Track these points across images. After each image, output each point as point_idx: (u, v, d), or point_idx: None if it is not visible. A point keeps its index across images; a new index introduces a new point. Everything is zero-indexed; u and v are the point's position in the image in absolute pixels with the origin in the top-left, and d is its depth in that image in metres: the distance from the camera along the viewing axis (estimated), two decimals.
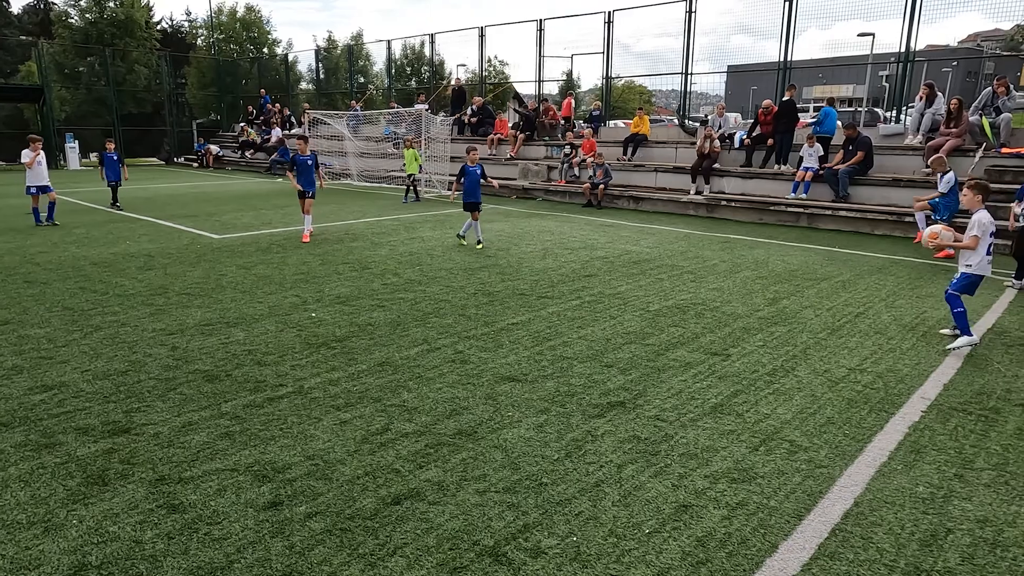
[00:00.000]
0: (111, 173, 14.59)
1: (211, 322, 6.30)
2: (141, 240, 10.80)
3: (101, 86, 34.24)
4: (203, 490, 3.40)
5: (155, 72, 36.38)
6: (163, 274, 8.28)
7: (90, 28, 35.82)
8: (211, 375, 4.96)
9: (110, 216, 13.73)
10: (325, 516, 3.18)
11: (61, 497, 3.33)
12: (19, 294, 7.25)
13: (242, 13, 40.72)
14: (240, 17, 40.50)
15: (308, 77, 38.05)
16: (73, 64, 35.90)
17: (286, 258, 9.38)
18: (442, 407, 4.45)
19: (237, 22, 40.33)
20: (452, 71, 31.90)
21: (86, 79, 35.70)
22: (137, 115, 34.78)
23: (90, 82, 35.38)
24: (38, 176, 12.28)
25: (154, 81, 36.37)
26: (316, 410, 4.37)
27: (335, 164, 23.37)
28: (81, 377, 4.90)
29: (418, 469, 3.64)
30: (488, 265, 9.03)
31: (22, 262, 8.96)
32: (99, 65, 34.80)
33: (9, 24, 43.82)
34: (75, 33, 36.00)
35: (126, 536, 3.02)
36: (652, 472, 3.64)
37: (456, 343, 5.76)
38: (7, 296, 7.13)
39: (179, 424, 4.15)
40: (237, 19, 40.42)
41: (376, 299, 7.19)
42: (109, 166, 14.61)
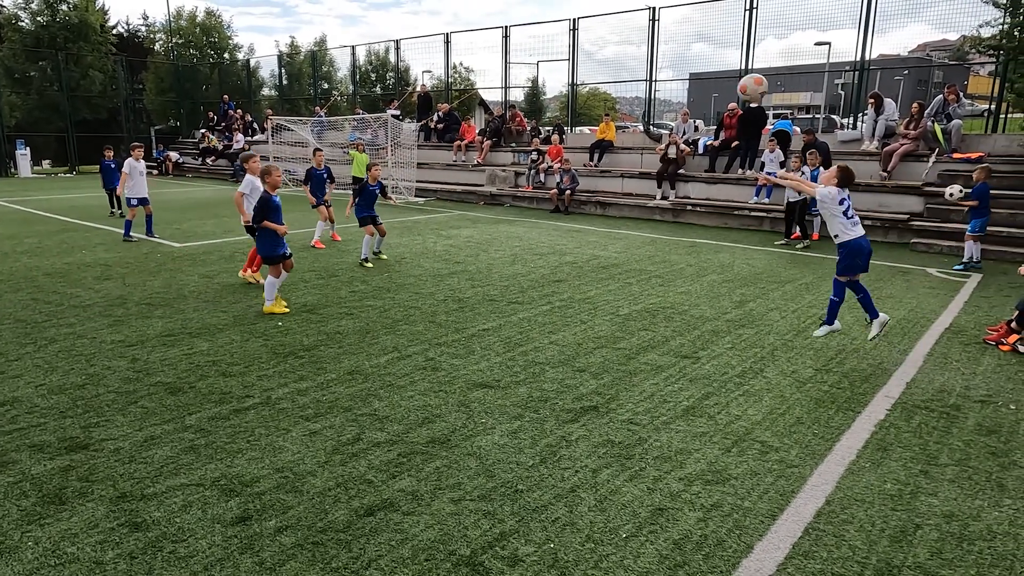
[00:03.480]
0: (110, 180, 14.24)
1: (173, 332, 6.12)
2: (97, 250, 10.47)
3: (53, 91, 33.20)
4: (167, 507, 3.28)
5: (111, 77, 35.41)
6: (122, 284, 8.03)
7: (41, 32, 34.71)
8: (174, 387, 4.81)
9: (64, 225, 13.29)
10: (296, 530, 3.10)
11: (15, 518, 3.17)
12: None
13: (202, 18, 39.96)
14: (200, 22, 39.73)
15: (270, 83, 37.47)
16: (23, 68, 34.72)
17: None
18: (414, 415, 4.39)
19: (197, 27, 39.54)
20: (417, 77, 31.83)
21: (37, 84, 34.56)
22: (92, 121, 33.78)
23: (42, 87, 34.27)
24: (139, 187, 11.51)
25: (110, 86, 35.40)
26: (284, 421, 4.27)
27: (299, 171, 23.03)
28: (35, 392, 4.71)
29: (391, 479, 3.57)
30: (457, 271, 8.98)
31: None
32: (51, 70, 33.76)
33: None
34: (25, 37, 34.82)
35: (86, 557, 2.89)
36: (627, 476, 3.63)
37: (427, 350, 5.70)
38: None
39: (141, 439, 4.00)
40: (196, 24, 39.64)
41: (344, 307, 7.08)
42: (108, 174, 14.31)
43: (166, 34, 40.35)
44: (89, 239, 11.53)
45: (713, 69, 23.37)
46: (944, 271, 9.50)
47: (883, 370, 5.38)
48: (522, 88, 40.31)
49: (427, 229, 13.21)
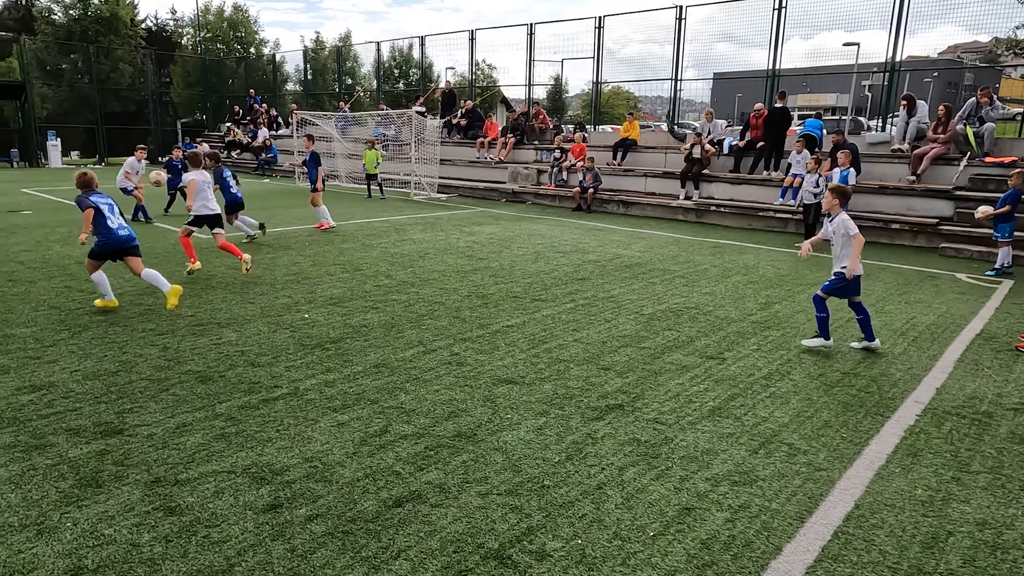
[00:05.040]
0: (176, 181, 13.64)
1: (202, 322, 6.21)
2: None
3: (84, 84, 33.82)
4: (200, 492, 3.34)
5: (139, 70, 35.97)
6: None
7: (73, 25, 35.37)
8: (204, 376, 4.89)
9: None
10: (326, 519, 3.14)
11: (53, 499, 3.25)
12: (3, 293, 7.12)
13: (229, 12, 40.42)
14: (227, 16, 40.19)
15: (295, 78, 37.84)
16: (56, 61, 35.41)
17: (276, 259, 9.30)
18: (440, 409, 4.42)
19: (224, 21, 40.02)
20: (441, 74, 31.91)
21: (69, 76, 35.23)
22: (120, 114, 34.35)
23: (73, 80, 34.92)
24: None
25: (138, 79, 35.95)
26: (312, 412, 4.32)
27: (323, 165, 23.19)
28: (70, 377, 4.81)
29: (419, 471, 3.60)
30: (480, 268, 9.00)
31: (5, 260, 8.79)
32: (82, 63, 34.37)
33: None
34: (58, 30, 35.52)
35: (122, 539, 2.96)
36: (654, 475, 3.63)
37: (452, 345, 5.73)
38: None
39: (173, 425, 4.08)
40: (224, 18, 40.11)
41: (369, 300, 7.14)
42: (176, 174, 13.67)
43: (194, 28, 40.88)
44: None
45: (737, 69, 23.17)
46: (974, 276, 9.34)
47: (912, 375, 5.31)
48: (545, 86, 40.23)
49: (450, 225, 13.26)
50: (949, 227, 11.71)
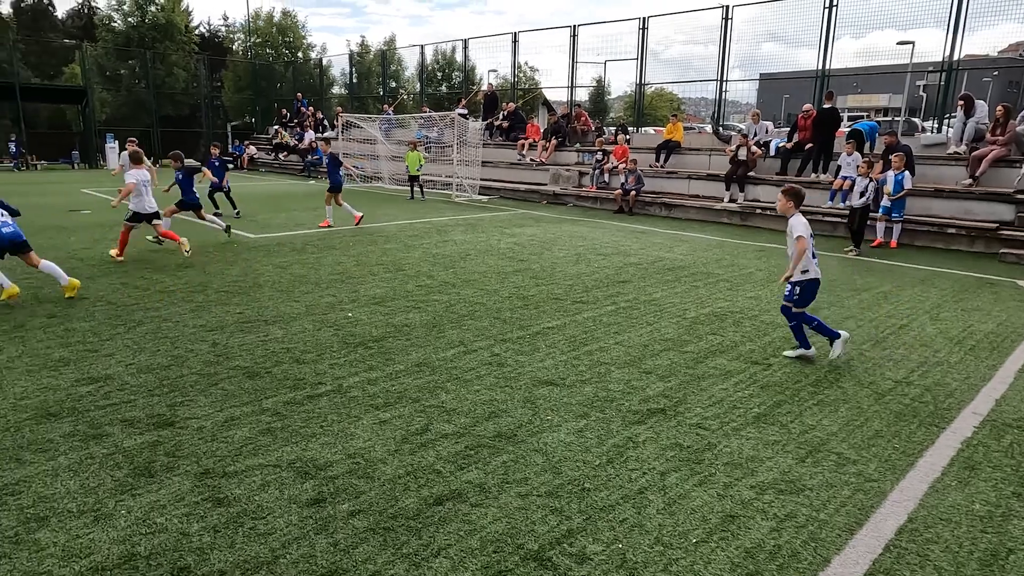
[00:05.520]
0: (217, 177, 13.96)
1: (250, 320, 6.37)
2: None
3: (141, 88, 35.08)
4: (247, 485, 3.42)
5: (193, 75, 37.16)
6: (202, 272, 8.41)
7: (131, 32, 36.75)
8: (251, 372, 5.01)
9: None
10: (368, 514, 3.18)
11: (109, 487, 3.37)
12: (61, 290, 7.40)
13: (278, 18, 41.43)
14: (276, 22, 41.20)
15: (341, 81, 38.55)
16: (114, 67, 36.84)
17: (321, 258, 9.47)
18: (481, 409, 4.43)
19: (273, 27, 41.04)
20: (483, 76, 32.08)
21: (126, 81, 36.60)
22: (174, 117, 35.55)
23: (130, 84, 36.26)
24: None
25: (191, 84, 37.15)
26: (355, 409, 4.39)
27: (367, 167, 23.60)
28: (125, 370, 4.99)
29: (459, 470, 3.62)
30: (521, 269, 9.01)
31: (66, 258, 9.16)
32: (139, 68, 35.66)
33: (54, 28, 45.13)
34: (117, 36, 36.95)
35: (173, 528, 3.04)
36: (696, 481, 3.57)
37: (492, 346, 5.75)
38: (54, 289, 7.29)
39: (222, 419, 4.19)
40: (273, 24, 41.13)
41: (411, 300, 7.21)
42: (213, 172, 13.93)
43: (245, 34, 42.01)
44: (172, 228, 12.10)
45: (785, 69, 22.67)
46: None
47: (970, 385, 5.10)
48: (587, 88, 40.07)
49: (491, 227, 13.31)
50: (1010, 232, 11.23)
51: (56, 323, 6.11)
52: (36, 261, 6.97)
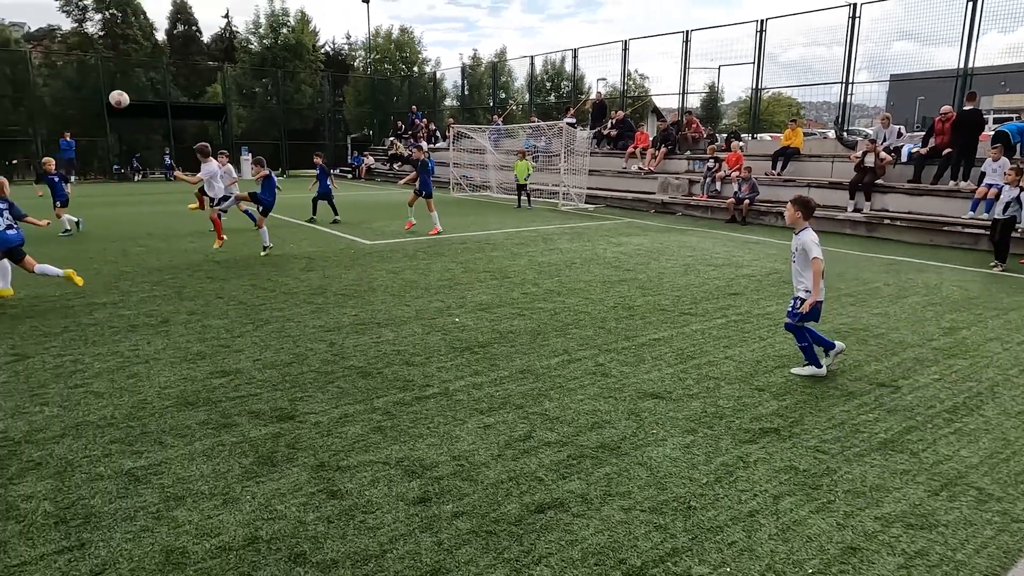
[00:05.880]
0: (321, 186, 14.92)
1: (364, 322, 6.67)
2: (303, 244, 11.72)
3: (272, 104, 37.82)
4: (358, 479, 3.58)
5: (318, 91, 39.63)
6: (322, 275, 8.92)
7: (266, 52, 39.74)
8: (364, 371, 5.24)
9: (277, 221, 14.99)
10: (471, 517, 3.23)
11: (237, 473, 3.63)
12: (203, 288, 8.10)
13: (396, 35, 43.38)
14: (395, 39, 43.15)
15: (453, 93, 39.77)
16: (250, 85, 39.94)
17: (431, 265, 9.78)
18: (584, 419, 4.39)
19: (392, 43, 43.00)
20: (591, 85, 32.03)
21: (260, 98, 39.58)
22: (300, 130, 38.03)
23: (263, 101, 39.18)
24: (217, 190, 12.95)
25: (316, 99, 39.62)
26: (461, 412, 4.48)
27: (475, 176, 24.16)
28: (253, 365, 5.37)
29: (561, 479, 3.60)
30: (627, 279, 8.88)
31: (205, 260, 10.01)
32: (271, 86, 38.47)
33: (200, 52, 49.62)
34: (253, 57, 40.10)
35: (291, 515, 3.23)
36: (813, 507, 3.36)
37: (596, 356, 5.69)
38: (194, 289, 7.99)
39: (337, 415, 4.41)
40: (392, 40, 43.11)
41: (516, 308, 7.29)
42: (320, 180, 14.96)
43: (366, 51, 44.29)
44: (295, 234, 12.95)
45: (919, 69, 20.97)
46: None
47: None
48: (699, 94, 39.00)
49: (597, 235, 13.22)
50: None
51: (195, 320, 6.68)
52: (31, 266, 7.35)
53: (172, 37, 47.11)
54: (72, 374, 5.13)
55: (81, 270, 9.07)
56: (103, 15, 40.52)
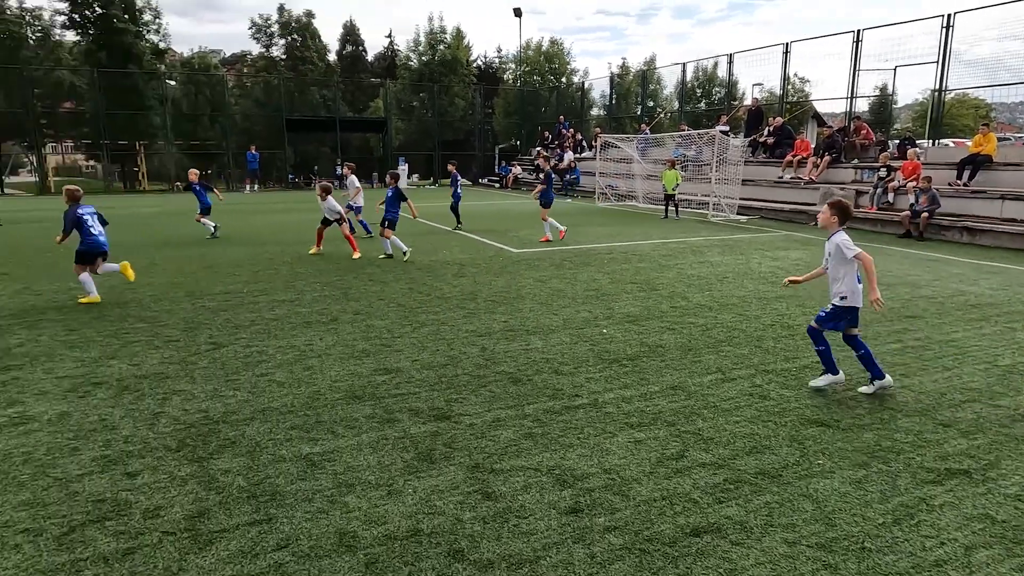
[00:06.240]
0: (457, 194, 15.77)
1: (513, 328, 6.84)
2: (454, 250, 12.24)
3: (427, 117, 39.93)
4: (511, 483, 3.67)
5: (469, 103, 41.30)
6: (473, 282, 9.26)
7: (424, 68, 42.07)
8: (515, 378, 5.37)
9: (430, 228, 15.81)
10: (624, 532, 3.19)
11: (399, 467, 3.86)
12: (366, 290, 8.71)
13: (546, 47, 44.18)
14: (544, 51, 43.96)
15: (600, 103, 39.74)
16: (408, 99, 42.48)
17: (577, 274, 9.82)
18: (741, 442, 4.20)
19: (541, 55, 43.84)
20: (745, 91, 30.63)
21: (417, 112, 41.96)
22: (451, 141, 39.82)
23: (420, 114, 41.49)
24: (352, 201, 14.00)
25: (468, 111, 41.30)
26: (610, 425, 4.45)
27: (621, 186, 23.95)
28: (411, 365, 5.68)
29: (717, 503, 3.46)
30: (786, 295, 8.37)
31: (367, 263, 10.76)
32: (427, 99, 40.64)
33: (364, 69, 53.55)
34: (412, 73, 42.61)
35: (449, 512, 3.38)
36: (1016, 564, 2.96)
37: (753, 376, 5.42)
38: (358, 291, 8.62)
39: (489, 419, 4.55)
40: (541, 52, 43.95)
41: (665, 321, 7.12)
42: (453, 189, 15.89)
43: (516, 63, 45.52)
44: (448, 241, 13.55)
45: None
46: None
47: None
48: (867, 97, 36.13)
49: (750, 249, 12.60)
50: None
51: (360, 320, 7.19)
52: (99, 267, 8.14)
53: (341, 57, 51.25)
54: (258, 363, 5.72)
55: (261, 271, 10.08)
56: (286, 40, 44.97)
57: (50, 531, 3.21)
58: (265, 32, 44.85)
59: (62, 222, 7.98)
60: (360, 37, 53.07)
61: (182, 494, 3.55)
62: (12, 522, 3.28)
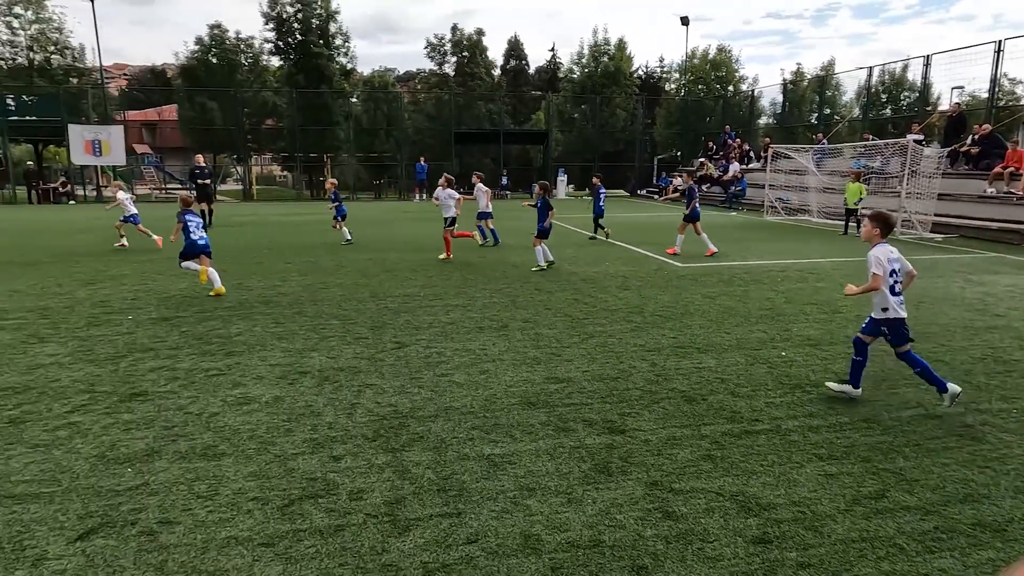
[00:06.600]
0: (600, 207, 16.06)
1: (683, 345, 6.68)
2: (617, 263, 12.20)
3: (588, 129, 40.21)
4: (692, 505, 3.59)
5: (630, 114, 41.01)
6: (638, 295, 9.17)
7: (586, 81, 42.44)
8: (688, 396, 5.24)
9: (591, 239, 15.88)
10: (819, 571, 3.01)
11: (577, 476, 3.92)
12: (532, 299, 8.94)
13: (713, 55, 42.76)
14: (711, 59, 42.59)
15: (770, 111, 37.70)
16: (570, 111, 43.07)
17: (748, 292, 9.38)
18: (952, 488, 3.78)
19: (707, 63, 42.51)
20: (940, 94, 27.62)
21: (578, 123, 42.42)
22: (610, 152, 39.76)
23: (581, 126, 41.90)
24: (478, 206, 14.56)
25: (628, 122, 41.03)
26: (796, 455, 4.21)
27: (793, 199, 22.56)
28: (582, 376, 5.75)
29: (928, 553, 3.15)
30: (999, 326, 7.42)
31: (532, 274, 11.02)
32: (588, 111, 40.94)
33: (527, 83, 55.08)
34: (574, 86, 43.14)
35: (630, 527, 3.38)
36: None
37: (963, 415, 4.87)
38: (525, 299, 8.87)
39: (664, 436, 4.49)
40: (707, 60, 42.61)
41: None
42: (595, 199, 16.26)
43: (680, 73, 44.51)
44: (609, 253, 13.54)
45: None
46: None
47: None
48: None
49: (949, 271, 11.30)
50: None
51: (529, 327, 7.40)
52: (207, 264, 9.31)
53: (505, 71, 53.16)
54: (438, 364, 6.08)
55: (434, 276, 10.68)
56: (457, 57, 47.47)
57: (274, 501, 3.64)
58: (439, 51, 47.66)
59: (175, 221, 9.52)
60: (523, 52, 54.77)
61: (380, 480, 3.87)
62: (244, 490, 3.76)
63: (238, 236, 16.79)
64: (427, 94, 46.04)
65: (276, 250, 13.95)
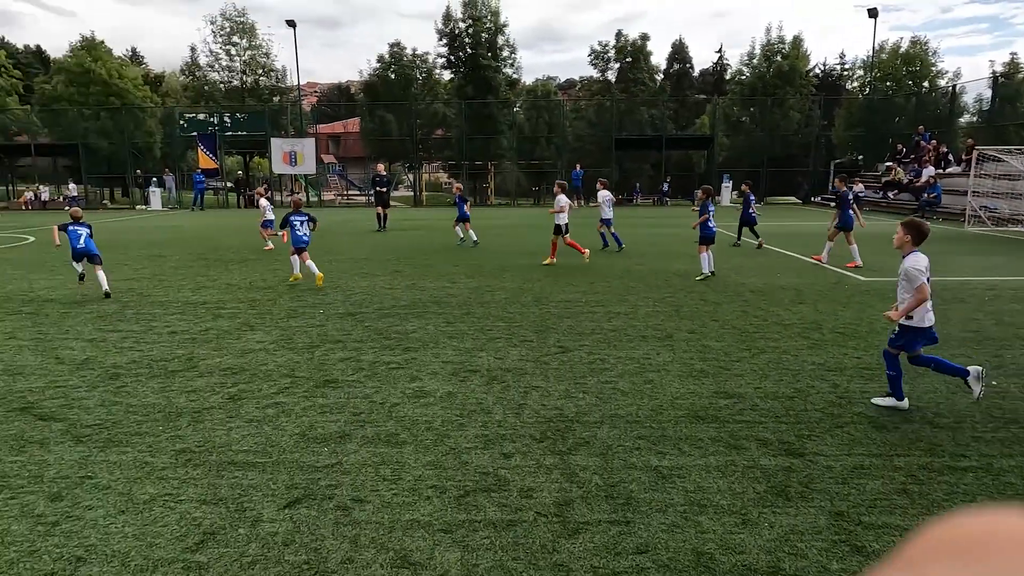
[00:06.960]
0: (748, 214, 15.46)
1: (870, 367, 6.12)
2: (788, 274, 11.46)
3: (757, 132, 38.17)
4: (885, 541, 3.30)
5: (806, 116, 38.33)
6: (814, 310, 8.55)
7: (756, 82, 40.34)
8: (877, 423, 4.81)
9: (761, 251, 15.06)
10: None
11: (751, 497, 3.75)
12: (698, 309, 8.66)
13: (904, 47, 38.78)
14: (902, 53, 38.66)
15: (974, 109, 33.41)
16: (738, 115, 41.17)
17: (948, 312, 8.34)
18: None
19: (898, 58, 38.64)
20: None
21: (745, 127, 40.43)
22: (781, 157, 37.40)
23: (749, 129, 39.90)
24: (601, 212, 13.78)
25: (803, 124, 38.36)
26: (1016, 499, 3.70)
27: (1003, 207, 19.85)
28: (754, 392, 5.48)
29: None
30: None
31: (696, 283, 10.67)
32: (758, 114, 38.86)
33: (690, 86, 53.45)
34: (743, 88, 41.17)
35: (813, 558, 3.17)
36: None
37: None
38: (690, 309, 8.61)
39: (850, 464, 4.15)
40: (898, 55, 38.73)
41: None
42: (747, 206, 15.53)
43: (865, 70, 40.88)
44: (780, 264, 12.75)
45: None
46: None
47: None
48: None
49: None
50: None
51: (695, 339, 7.18)
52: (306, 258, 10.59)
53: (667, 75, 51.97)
54: (602, 371, 6.09)
55: (595, 282, 10.70)
56: (620, 63, 47.24)
57: (450, 491, 3.86)
58: (602, 57, 47.71)
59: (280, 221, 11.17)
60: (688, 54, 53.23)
61: (549, 481, 3.96)
62: (424, 478, 4.03)
63: (411, 239, 17.95)
64: (588, 101, 46.26)
65: (444, 253, 14.73)
